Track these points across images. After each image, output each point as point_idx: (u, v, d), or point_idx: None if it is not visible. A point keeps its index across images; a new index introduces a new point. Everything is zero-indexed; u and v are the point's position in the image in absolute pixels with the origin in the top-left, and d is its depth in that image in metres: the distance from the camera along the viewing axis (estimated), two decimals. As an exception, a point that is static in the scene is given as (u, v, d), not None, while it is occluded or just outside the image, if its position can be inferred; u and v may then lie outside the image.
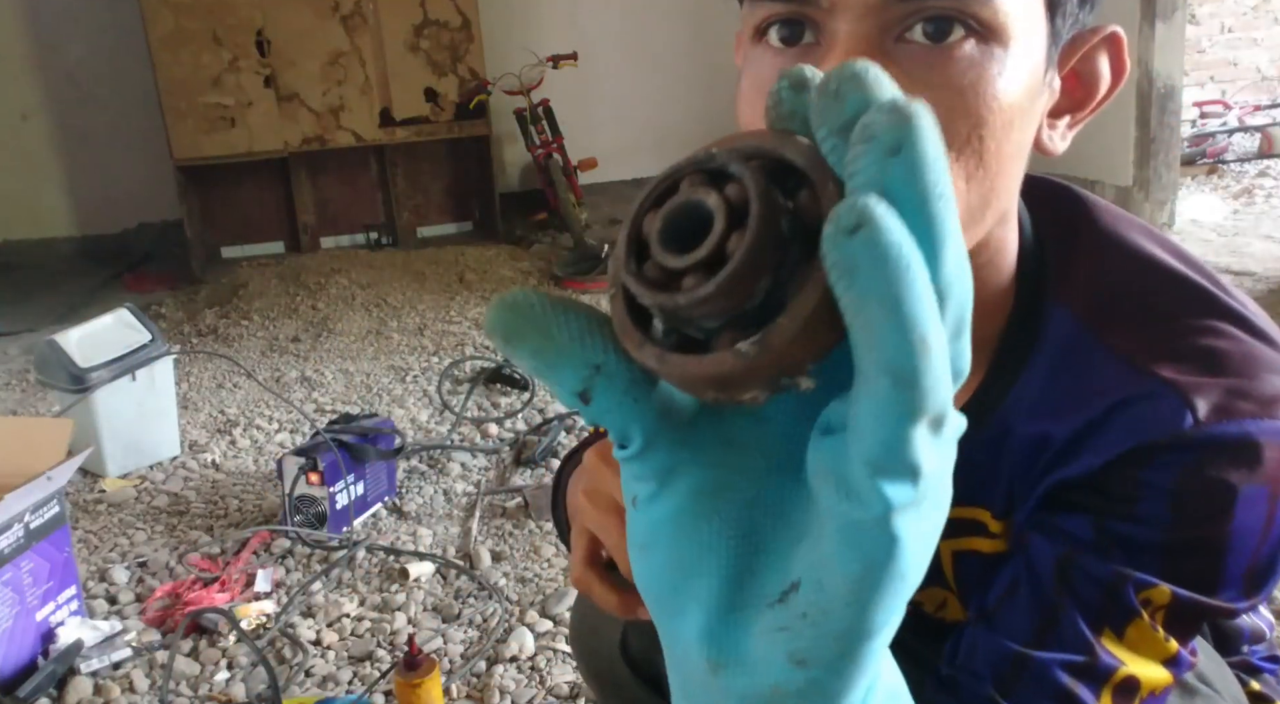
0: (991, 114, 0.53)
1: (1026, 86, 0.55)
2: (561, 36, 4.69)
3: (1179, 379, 0.58)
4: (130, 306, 2.45)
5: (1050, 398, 0.63)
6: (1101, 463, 0.59)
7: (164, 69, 4.31)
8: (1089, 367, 0.61)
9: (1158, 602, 0.58)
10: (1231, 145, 5.17)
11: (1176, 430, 0.57)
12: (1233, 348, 0.59)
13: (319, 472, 1.94)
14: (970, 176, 0.54)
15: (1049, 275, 0.64)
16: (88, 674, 1.56)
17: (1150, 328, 0.61)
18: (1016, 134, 0.55)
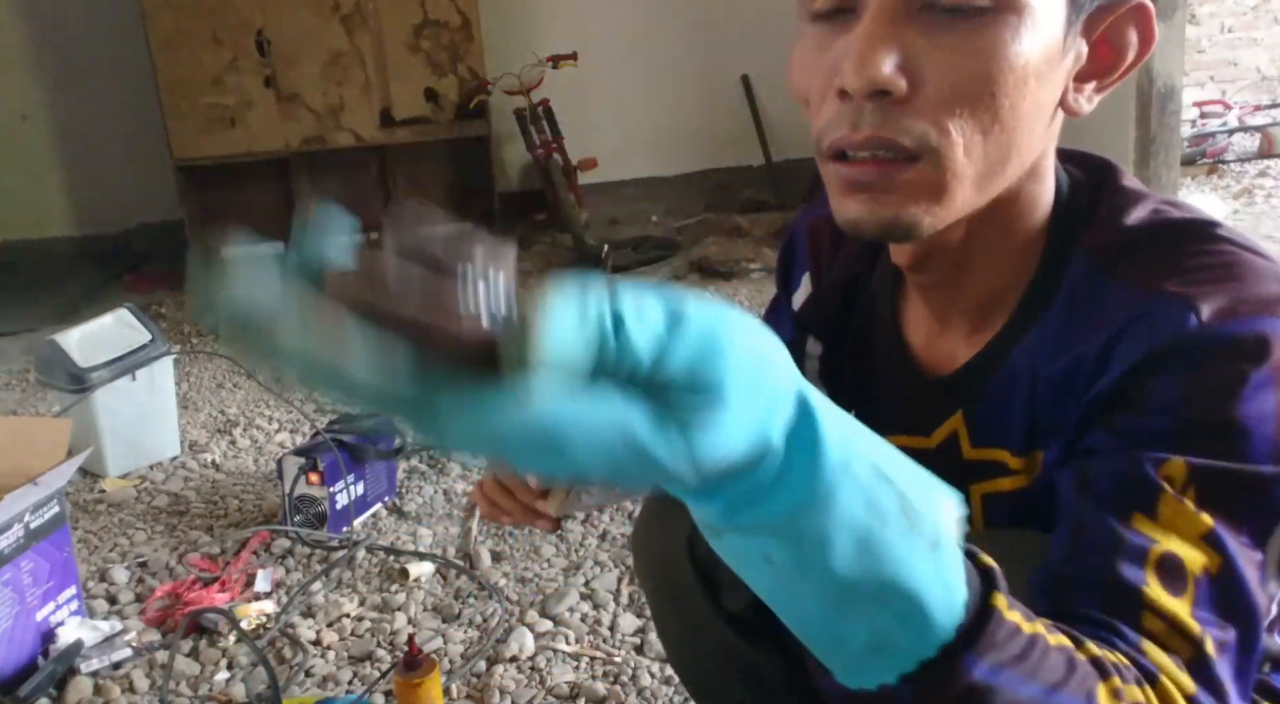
0: (1004, 75, 0.59)
1: (1043, 50, 0.60)
2: (561, 36, 4.69)
3: (1183, 290, 0.61)
4: (130, 306, 2.45)
5: (1067, 333, 0.66)
6: (1117, 375, 0.61)
7: (164, 69, 4.31)
8: (1101, 298, 0.65)
9: (1177, 476, 0.57)
10: (1231, 145, 5.17)
11: (1181, 332, 0.59)
12: (1234, 262, 0.62)
13: (319, 472, 1.94)
14: (986, 132, 0.60)
15: (1076, 228, 0.69)
16: (88, 674, 1.56)
17: (1155, 256, 0.65)
18: (1034, 94, 0.61)
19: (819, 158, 0.65)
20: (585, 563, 1.82)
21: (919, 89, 0.59)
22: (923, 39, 0.58)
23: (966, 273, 0.71)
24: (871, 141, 0.60)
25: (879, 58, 0.58)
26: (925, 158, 0.60)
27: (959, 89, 0.59)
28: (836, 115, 0.61)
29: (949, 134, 0.60)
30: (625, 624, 1.63)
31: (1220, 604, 0.55)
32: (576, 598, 1.71)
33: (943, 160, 0.60)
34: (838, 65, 0.60)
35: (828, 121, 0.62)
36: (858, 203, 0.63)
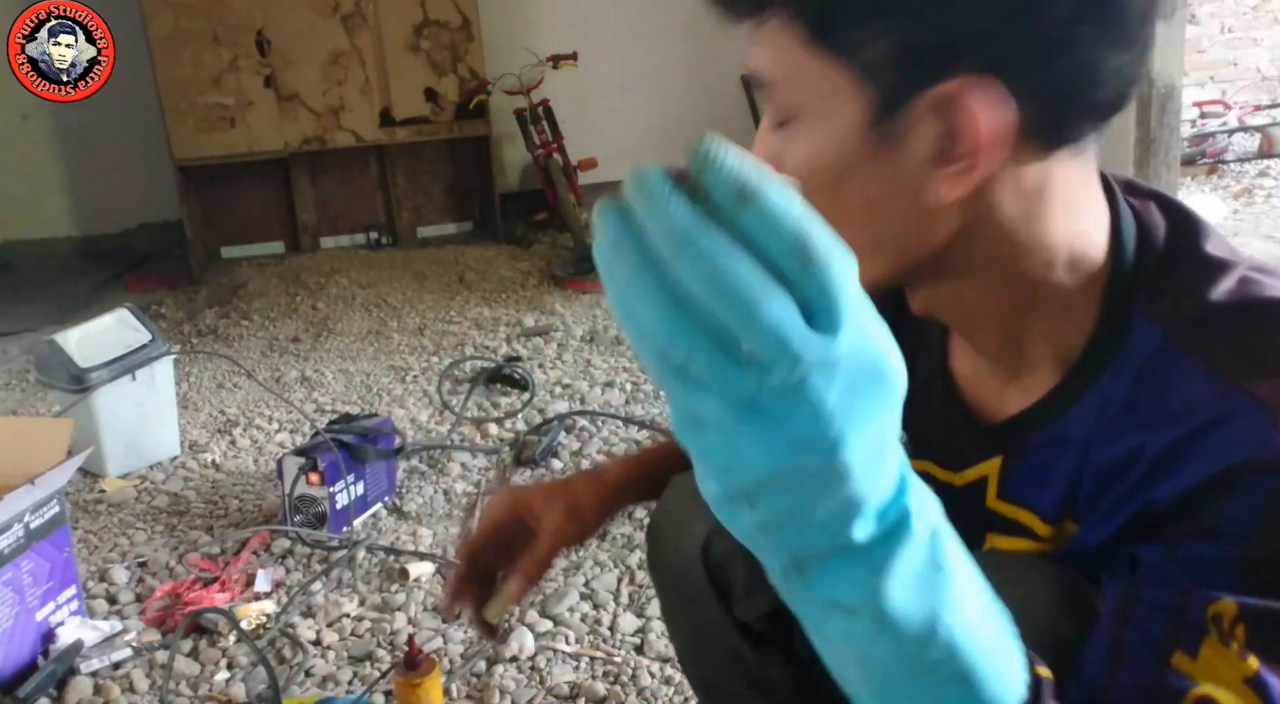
0: (811, 180, 0.56)
1: (836, 151, 0.60)
2: (561, 36, 4.69)
3: (1269, 396, 0.56)
4: (130, 306, 2.45)
5: (1132, 411, 0.62)
6: (1183, 488, 0.58)
7: (164, 69, 4.31)
8: (1174, 380, 0.60)
9: (1227, 614, 0.55)
10: (1231, 145, 5.17)
11: (1262, 450, 0.55)
12: None
13: (319, 472, 1.94)
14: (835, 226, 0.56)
15: (1141, 292, 0.64)
16: (88, 674, 1.56)
17: (1240, 343, 0.60)
18: (846, 190, 0.60)
19: None
20: (585, 563, 1.82)
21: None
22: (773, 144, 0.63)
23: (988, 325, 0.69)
24: None
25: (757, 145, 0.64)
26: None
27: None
28: None
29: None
30: (625, 624, 1.63)
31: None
32: (576, 598, 1.71)
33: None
34: None
35: None
36: None
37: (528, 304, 3.66)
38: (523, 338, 3.24)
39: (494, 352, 3.11)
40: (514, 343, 3.20)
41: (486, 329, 3.38)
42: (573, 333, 3.24)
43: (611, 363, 2.93)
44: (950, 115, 0.57)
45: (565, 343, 3.16)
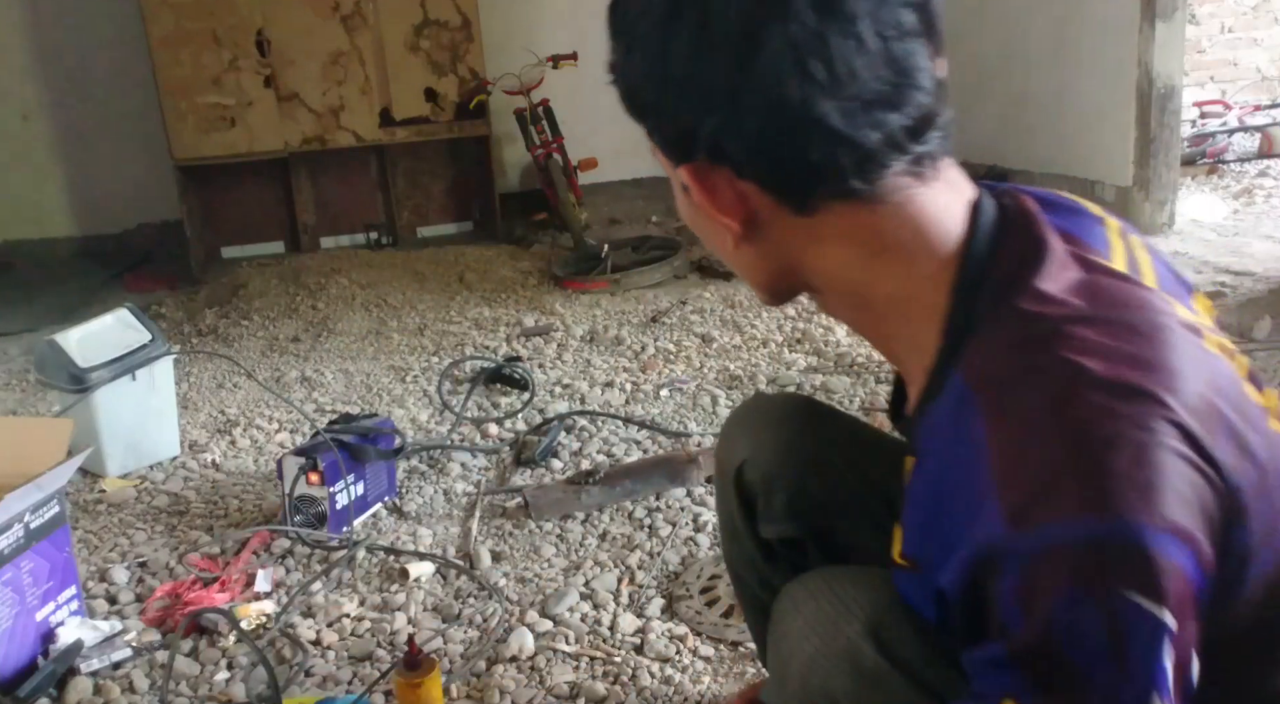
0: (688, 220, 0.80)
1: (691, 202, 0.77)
2: (561, 36, 4.68)
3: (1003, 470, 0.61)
4: (130, 306, 2.45)
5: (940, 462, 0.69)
6: (958, 577, 0.64)
7: (164, 69, 4.31)
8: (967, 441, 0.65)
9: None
10: (1231, 145, 5.17)
11: (992, 539, 0.61)
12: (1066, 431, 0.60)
13: (319, 472, 1.94)
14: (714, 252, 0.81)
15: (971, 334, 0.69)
16: (88, 674, 1.56)
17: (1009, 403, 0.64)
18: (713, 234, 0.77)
19: None
20: (585, 563, 1.82)
21: None
22: None
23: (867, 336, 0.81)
24: None
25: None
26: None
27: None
28: None
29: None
30: (625, 624, 1.63)
31: None
32: (576, 598, 1.71)
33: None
34: None
35: None
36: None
37: (528, 304, 3.66)
38: (523, 338, 3.24)
39: (494, 351, 3.11)
40: (514, 343, 3.20)
41: (486, 329, 3.38)
42: (573, 333, 3.24)
43: (611, 363, 2.93)
44: (698, 187, 0.74)
45: (565, 343, 3.16)
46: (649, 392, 2.66)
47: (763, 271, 0.78)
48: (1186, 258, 3.58)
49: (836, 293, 0.76)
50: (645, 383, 2.73)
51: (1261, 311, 2.85)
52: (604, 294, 3.73)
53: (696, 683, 1.47)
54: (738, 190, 0.72)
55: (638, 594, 1.72)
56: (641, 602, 1.69)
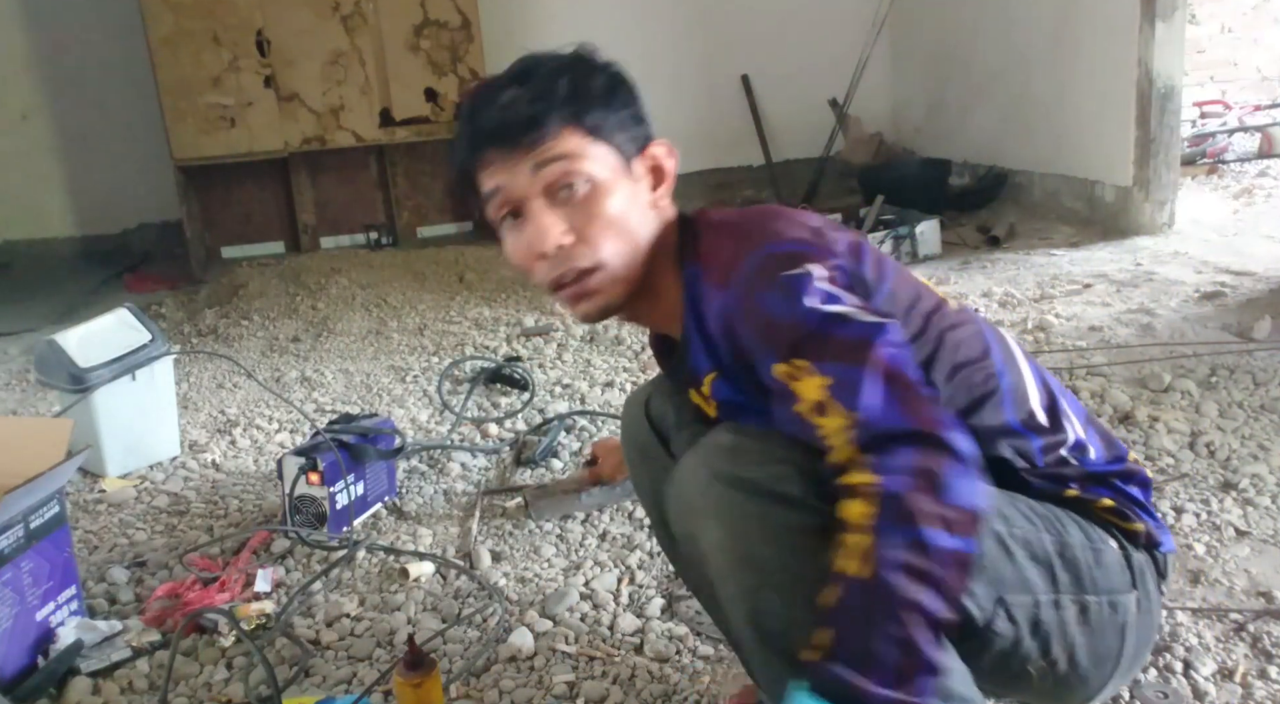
0: (610, 212, 1.05)
1: (626, 190, 1.06)
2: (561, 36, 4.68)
3: (709, 272, 1.04)
4: (130, 306, 2.45)
5: (695, 311, 1.07)
6: (729, 348, 1.03)
7: (164, 69, 4.31)
8: (698, 282, 1.06)
9: (785, 370, 0.93)
10: (1231, 145, 5.17)
11: (718, 305, 1.02)
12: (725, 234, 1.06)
13: (319, 472, 1.94)
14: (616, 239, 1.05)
15: (685, 252, 1.10)
16: (88, 674, 1.56)
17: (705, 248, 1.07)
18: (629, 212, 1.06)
19: (549, 295, 1.10)
20: (585, 563, 1.82)
21: (577, 234, 1.04)
22: (566, 210, 1.04)
23: (651, 310, 1.14)
24: (568, 272, 1.05)
25: (552, 232, 1.03)
26: (599, 267, 1.05)
27: (595, 228, 1.04)
28: (547, 268, 1.06)
29: (602, 250, 1.05)
30: (625, 624, 1.63)
31: (848, 393, 0.88)
32: (576, 598, 1.71)
33: (605, 264, 1.05)
34: (532, 244, 1.04)
35: (543, 274, 1.06)
36: (579, 307, 1.08)
37: (528, 304, 3.66)
38: (523, 338, 3.24)
39: (494, 351, 3.11)
40: (514, 343, 3.20)
41: (486, 329, 3.38)
42: (573, 333, 3.24)
43: (611, 363, 2.93)
44: (657, 161, 1.10)
45: (565, 343, 3.16)
46: (649, 392, 2.66)
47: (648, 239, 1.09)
48: (1186, 258, 3.58)
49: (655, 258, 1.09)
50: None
51: (1261, 312, 2.85)
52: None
53: (696, 683, 1.47)
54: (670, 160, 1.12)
55: (638, 594, 1.71)
56: (641, 602, 1.69)
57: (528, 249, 1.05)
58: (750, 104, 5.26)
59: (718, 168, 5.31)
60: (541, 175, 1.02)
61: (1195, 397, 2.30)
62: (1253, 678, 1.37)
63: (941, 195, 4.69)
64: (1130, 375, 2.48)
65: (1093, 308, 3.11)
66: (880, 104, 5.53)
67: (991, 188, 4.73)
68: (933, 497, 0.81)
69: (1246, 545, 1.71)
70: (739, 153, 5.31)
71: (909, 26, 5.35)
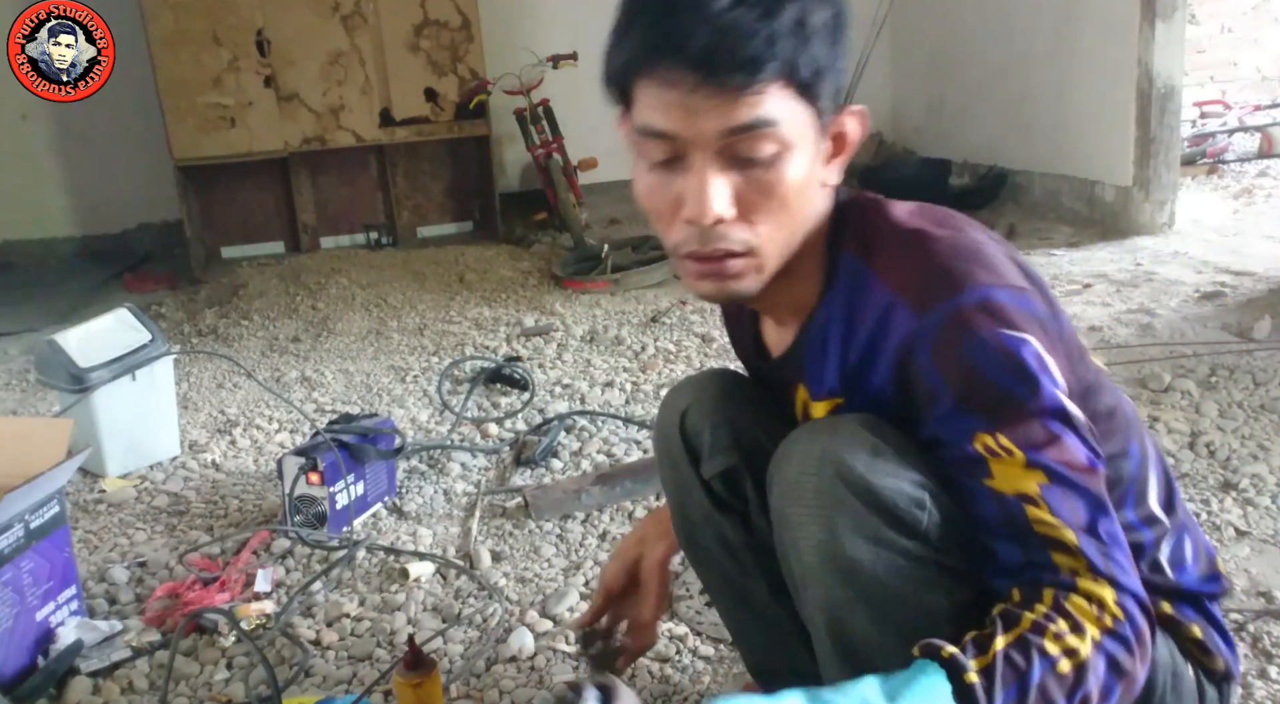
0: (788, 191, 0.88)
1: (809, 165, 0.89)
2: (561, 36, 4.69)
3: (902, 288, 0.88)
4: (130, 306, 2.45)
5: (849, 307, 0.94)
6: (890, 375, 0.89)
7: (164, 69, 4.32)
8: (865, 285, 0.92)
9: (988, 441, 0.84)
10: (1231, 145, 5.17)
11: (908, 331, 0.87)
12: (934, 250, 0.89)
13: (319, 472, 1.94)
14: (780, 225, 0.90)
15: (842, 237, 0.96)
16: (88, 674, 1.56)
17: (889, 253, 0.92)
18: (806, 191, 0.90)
19: (673, 255, 0.93)
20: (585, 563, 1.82)
21: (739, 211, 0.88)
22: (737, 179, 0.86)
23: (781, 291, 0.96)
24: (715, 252, 0.89)
25: (714, 199, 0.86)
26: (749, 252, 0.90)
27: (765, 207, 0.88)
28: (687, 235, 0.89)
29: (762, 234, 0.89)
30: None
31: (1064, 497, 0.83)
32: (576, 598, 1.71)
33: (759, 251, 0.90)
34: (681, 201, 0.88)
35: (681, 239, 0.90)
36: (708, 285, 0.93)
37: (528, 304, 3.66)
38: (523, 338, 3.24)
39: (494, 352, 3.11)
40: (514, 343, 3.20)
41: (486, 329, 3.38)
42: (573, 333, 3.24)
43: (611, 363, 2.93)
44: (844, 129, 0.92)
45: (565, 343, 3.16)
46: (649, 392, 2.66)
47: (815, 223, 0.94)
48: (1186, 258, 3.58)
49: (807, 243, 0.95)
50: (645, 383, 2.73)
51: (1261, 312, 2.85)
52: (604, 294, 3.73)
53: (696, 683, 1.47)
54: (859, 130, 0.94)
55: (638, 594, 1.71)
56: (641, 602, 1.69)
57: (672, 206, 0.89)
58: (750, 104, 5.26)
59: (718, 168, 5.31)
60: (730, 137, 0.84)
61: (1195, 397, 2.30)
62: (1253, 678, 1.37)
63: (941, 195, 4.69)
64: (1130, 375, 2.48)
65: (1093, 308, 3.11)
66: (880, 104, 5.53)
67: (991, 188, 4.74)
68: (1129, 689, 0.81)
69: (1246, 545, 1.71)
70: (739, 153, 5.31)
71: (909, 26, 5.35)
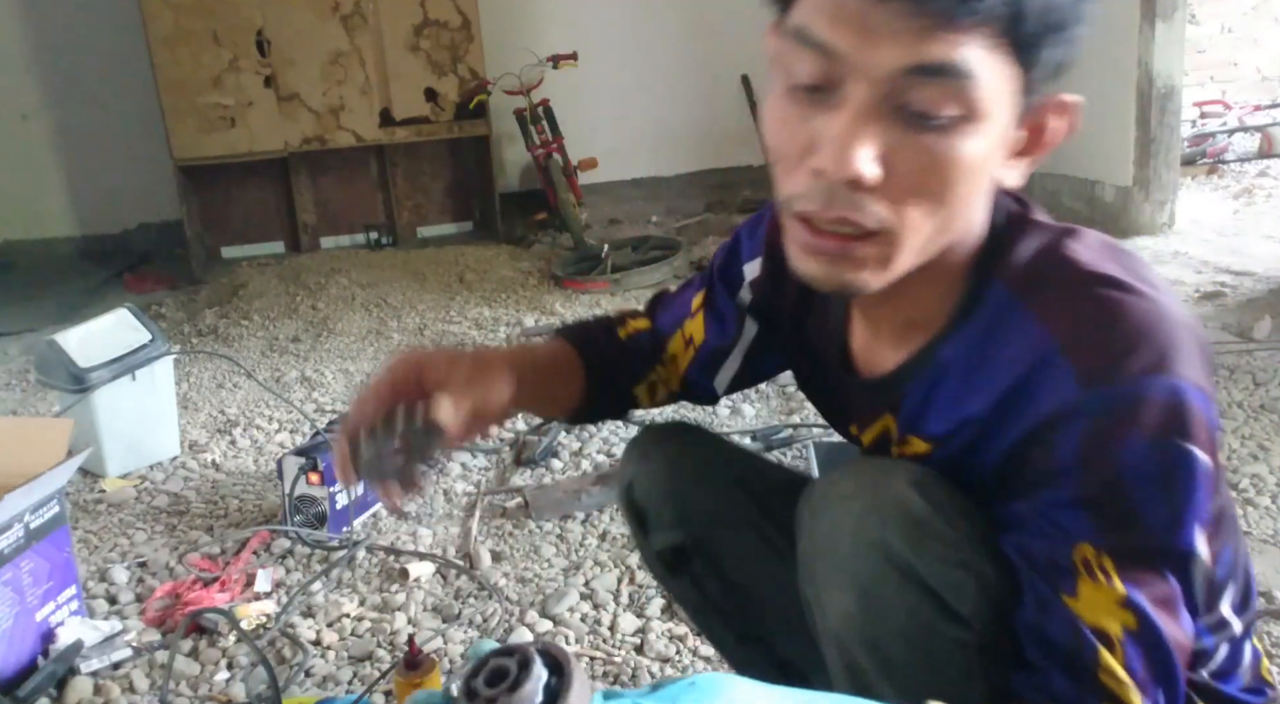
0: (957, 172, 0.67)
1: (990, 148, 0.69)
2: (561, 36, 4.68)
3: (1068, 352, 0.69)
4: (130, 306, 2.45)
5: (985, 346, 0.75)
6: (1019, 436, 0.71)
7: (164, 69, 4.31)
8: (1016, 324, 0.73)
9: (1090, 555, 0.68)
10: (1231, 145, 5.17)
11: (1065, 400, 0.68)
12: (1127, 311, 0.69)
13: (319, 472, 1.94)
14: (932, 213, 0.69)
15: (999, 257, 0.77)
16: (88, 674, 1.56)
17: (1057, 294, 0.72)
18: (976, 181, 0.70)
19: (783, 210, 0.73)
20: (585, 563, 1.82)
21: (885, 178, 0.67)
22: (896, 136, 0.66)
23: (898, 298, 0.78)
24: (839, 221, 0.69)
25: (859, 152, 0.65)
26: (881, 236, 0.69)
27: (921, 183, 0.68)
28: (809, 189, 0.69)
29: (905, 218, 0.69)
30: (625, 624, 1.63)
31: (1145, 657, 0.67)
32: (576, 598, 1.71)
33: (895, 238, 0.70)
34: (816, 144, 0.68)
35: (800, 191, 0.70)
36: (817, 263, 0.72)
37: (528, 304, 3.66)
38: (523, 338, 3.24)
39: (494, 351, 3.11)
40: (514, 343, 3.20)
41: (486, 329, 3.38)
42: (573, 333, 3.24)
43: (611, 363, 2.93)
44: (1045, 122, 0.73)
45: (565, 343, 3.15)
46: (649, 392, 2.65)
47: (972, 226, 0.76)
48: (1186, 258, 3.58)
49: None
50: (645, 383, 2.73)
51: (1261, 312, 2.85)
52: (604, 294, 3.73)
53: (696, 683, 1.47)
54: (1069, 123, 0.76)
55: (638, 594, 1.71)
56: (641, 602, 1.69)
57: (802, 148, 0.69)
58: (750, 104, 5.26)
59: (717, 167, 5.31)
60: (907, 78, 0.64)
61: (1195, 397, 2.30)
62: (1253, 678, 1.37)
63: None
64: (1130, 375, 2.47)
65: (1093, 308, 3.10)
66: (880, 104, 5.53)
67: (991, 188, 4.73)
68: None
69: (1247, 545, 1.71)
70: (739, 153, 5.31)
71: (909, 26, 5.34)
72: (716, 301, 1.06)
